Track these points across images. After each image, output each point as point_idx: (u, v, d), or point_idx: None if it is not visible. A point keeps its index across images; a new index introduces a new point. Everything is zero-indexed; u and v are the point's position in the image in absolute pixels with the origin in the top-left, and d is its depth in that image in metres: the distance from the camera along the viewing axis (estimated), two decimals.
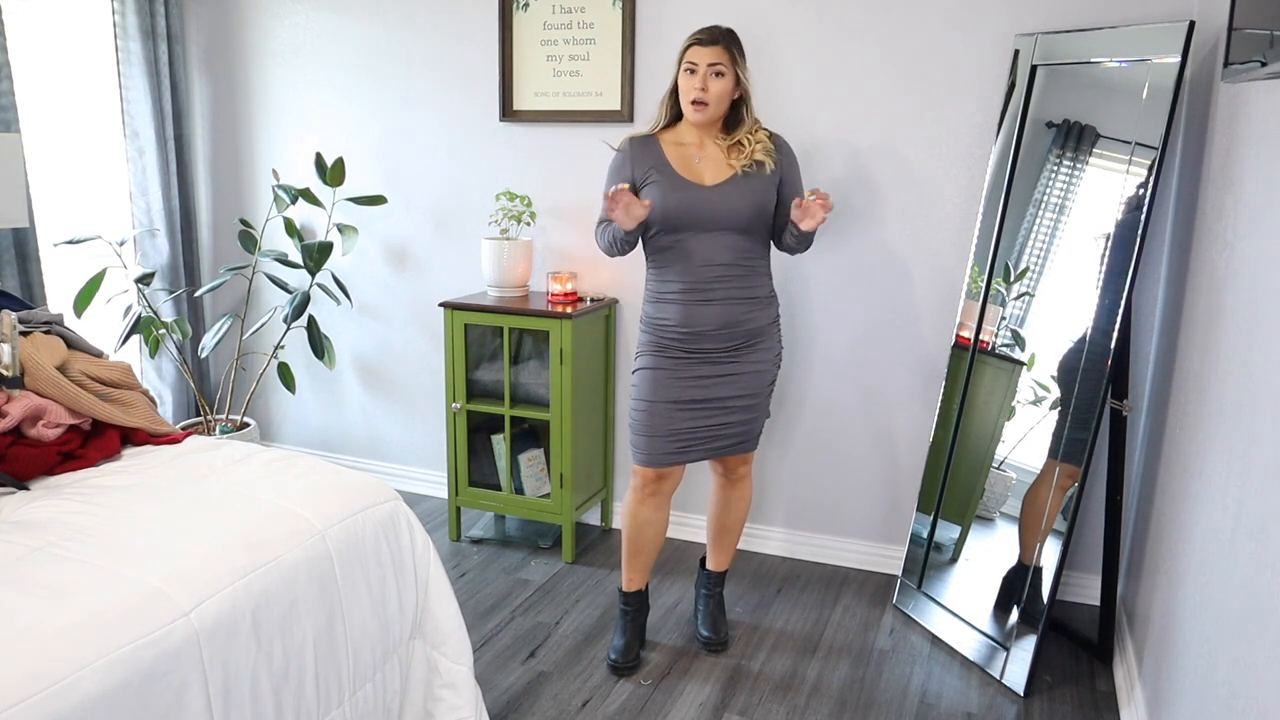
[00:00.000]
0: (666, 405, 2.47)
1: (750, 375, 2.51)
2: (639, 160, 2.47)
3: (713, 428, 2.51)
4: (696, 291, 2.43)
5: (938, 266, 2.97)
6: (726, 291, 2.44)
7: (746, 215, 2.42)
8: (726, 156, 2.45)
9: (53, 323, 2.36)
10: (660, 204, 2.41)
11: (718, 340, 2.46)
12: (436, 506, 3.66)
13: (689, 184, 2.42)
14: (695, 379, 2.47)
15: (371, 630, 1.93)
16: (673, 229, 2.43)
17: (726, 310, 2.44)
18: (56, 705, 1.32)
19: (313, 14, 3.64)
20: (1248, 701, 1.43)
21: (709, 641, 2.71)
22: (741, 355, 2.49)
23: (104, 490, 1.95)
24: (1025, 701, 2.48)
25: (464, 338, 3.23)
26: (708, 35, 2.40)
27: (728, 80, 2.40)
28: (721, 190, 2.41)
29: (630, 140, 2.51)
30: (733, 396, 2.50)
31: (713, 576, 2.80)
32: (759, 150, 2.44)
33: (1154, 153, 2.37)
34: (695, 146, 2.47)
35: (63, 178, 3.49)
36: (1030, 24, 2.76)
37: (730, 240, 2.42)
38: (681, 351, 2.47)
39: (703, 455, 2.55)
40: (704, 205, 2.40)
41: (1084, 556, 2.95)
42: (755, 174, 2.43)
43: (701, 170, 2.45)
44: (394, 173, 3.62)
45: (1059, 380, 2.55)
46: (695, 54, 2.40)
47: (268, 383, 3.98)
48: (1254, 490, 1.53)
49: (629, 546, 2.63)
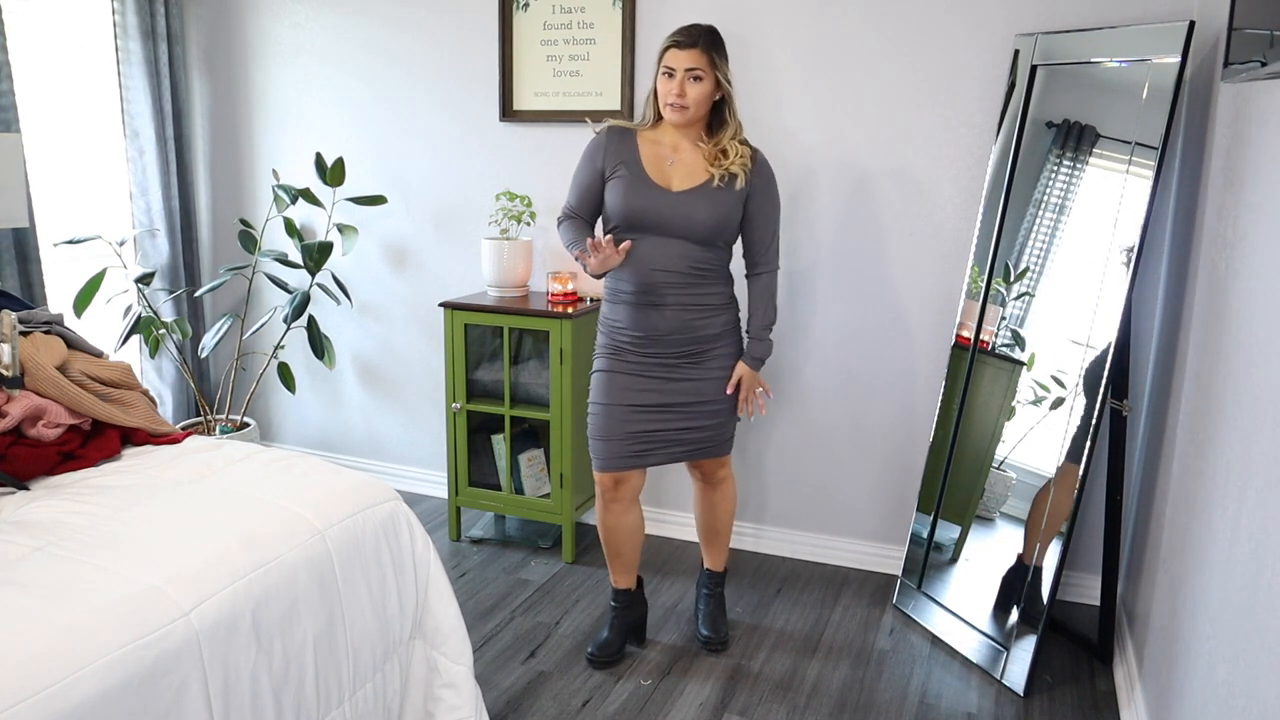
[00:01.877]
0: (622, 409, 2.45)
1: (711, 381, 2.48)
2: (612, 151, 2.44)
3: (675, 432, 2.49)
4: (648, 294, 2.40)
5: (938, 266, 2.97)
6: (677, 298, 2.40)
7: (705, 227, 2.38)
8: (706, 161, 2.41)
9: (53, 323, 2.36)
10: (621, 202, 2.39)
11: (670, 345, 2.43)
12: (436, 506, 3.66)
13: (654, 186, 2.39)
14: (651, 382, 2.45)
15: (371, 630, 1.93)
16: (630, 228, 2.40)
17: (677, 315, 2.41)
18: (56, 705, 1.32)
19: (313, 14, 3.64)
20: (1248, 701, 1.43)
21: (708, 641, 2.71)
22: (699, 361, 2.46)
23: (104, 490, 1.95)
24: (1025, 701, 2.48)
25: (464, 338, 3.23)
26: (686, 38, 2.34)
27: (707, 84, 2.35)
28: (685, 198, 2.37)
29: (609, 129, 2.48)
30: (695, 402, 2.47)
31: (712, 576, 2.80)
32: (738, 163, 2.39)
33: (1154, 153, 2.36)
34: (671, 148, 2.43)
35: (63, 178, 3.49)
36: (1030, 24, 2.76)
37: (686, 248, 2.39)
38: (636, 355, 2.45)
39: (666, 459, 2.52)
40: (664, 210, 2.37)
41: (1084, 556, 2.95)
42: (726, 187, 2.39)
43: (671, 174, 2.41)
44: (394, 173, 3.62)
45: (1085, 390, 2.52)
46: (673, 58, 2.34)
47: (268, 383, 3.98)
48: (1254, 490, 1.53)
49: (606, 550, 2.65)
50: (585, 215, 2.51)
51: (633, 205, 2.38)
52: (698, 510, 2.75)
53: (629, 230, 2.40)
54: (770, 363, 3.20)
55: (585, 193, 2.49)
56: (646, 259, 2.39)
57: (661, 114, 2.43)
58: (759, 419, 3.23)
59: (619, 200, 2.40)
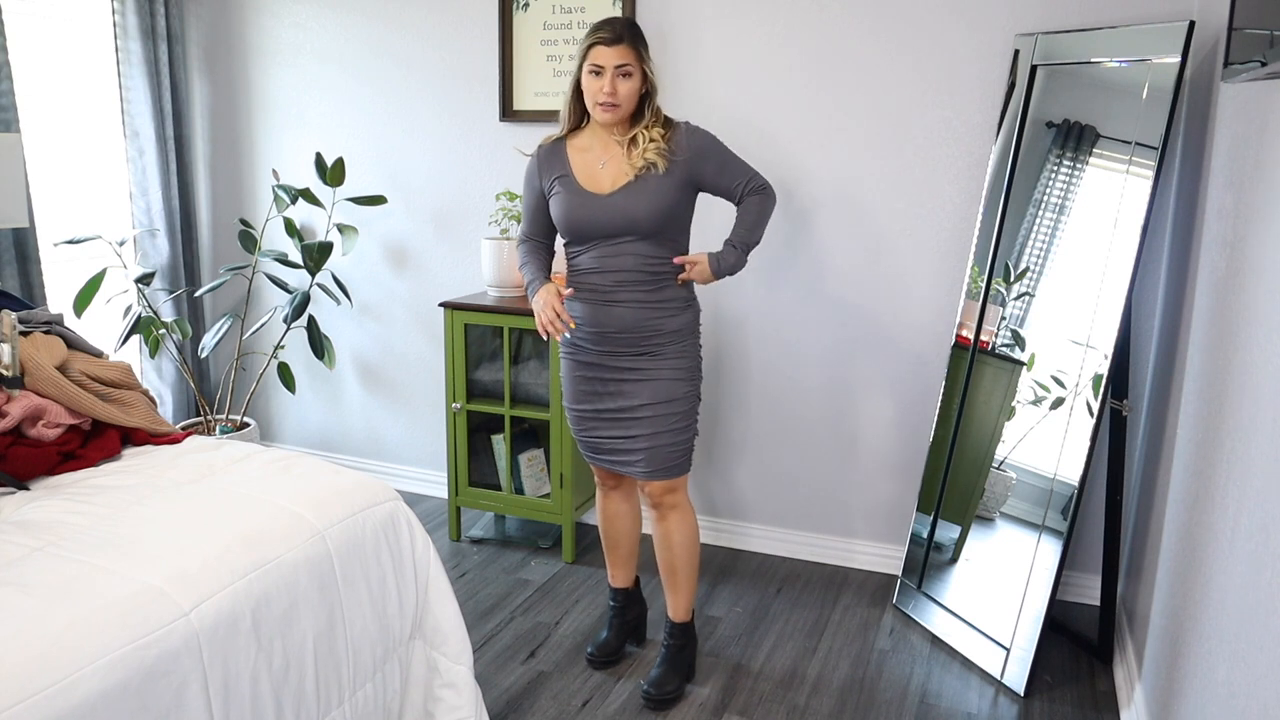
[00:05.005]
0: (581, 413, 2.46)
1: (659, 384, 2.36)
2: (546, 169, 2.39)
3: (616, 439, 2.41)
4: (601, 293, 2.35)
5: (937, 266, 2.97)
6: (630, 295, 2.33)
7: (647, 222, 2.29)
8: (625, 157, 2.32)
9: (53, 323, 2.36)
10: (563, 216, 2.34)
11: (621, 343, 2.36)
12: (436, 506, 3.66)
13: (586, 194, 2.31)
14: (604, 384, 2.40)
15: (371, 630, 1.93)
16: (578, 239, 2.36)
17: (631, 313, 2.34)
18: (56, 705, 1.32)
19: (313, 14, 3.64)
20: (1248, 701, 1.43)
21: (647, 696, 2.44)
22: (651, 360, 2.36)
23: (104, 490, 1.95)
24: (1025, 701, 2.48)
25: (464, 338, 3.23)
26: (611, 33, 2.24)
27: (635, 79, 2.26)
28: (616, 199, 2.29)
29: (540, 147, 2.42)
30: (639, 405, 2.37)
31: (672, 627, 2.55)
32: (650, 150, 2.28)
33: (1154, 153, 2.36)
34: (600, 151, 2.35)
35: (63, 178, 3.49)
36: (1030, 24, 2.76)
37: (634, 247, 2.31)
38: (591, 350, 2.40)
39: (625, 471, 2.45)
40: (602, 215, 2.30)
41: (1084, 556, 2.95)
42: (650, 175, 2.28)
43: (603, 177, 2.33)
44: (394, 173, 3.62)
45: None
46: (600, 55, 2.24)
47: (268, 383, 3.98)
48: (1254, 490, 1.53)
49: (604, 541, 2.65)
50: (540, 236, 2.47)
51: (572, 217, 2.33)
52: (655, 544, 2.54)
53: (577, 241, 2.36)
54: (770, 363, 3.20)
55: (534, 214, 2.45)
56: (600, 263, 2.34)
57: (586, 115, 2.36)
58: (757, 420, 3.23)
59: (560, 215, 2.35)
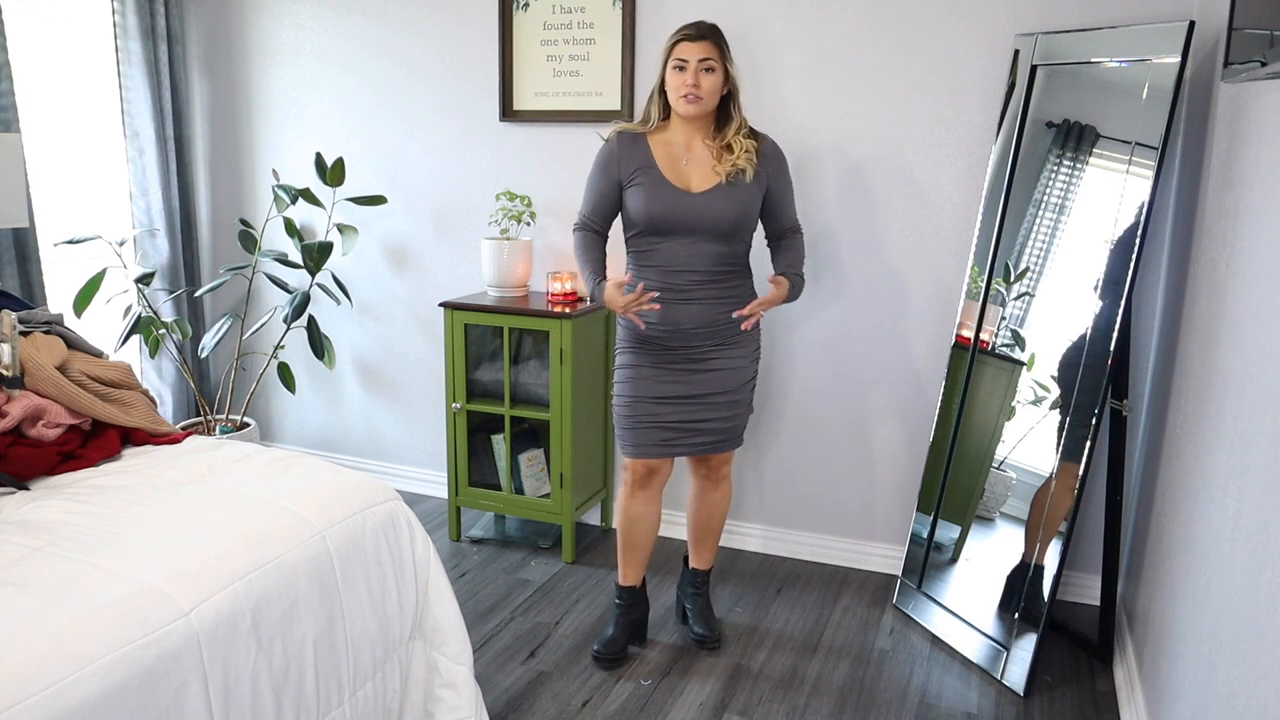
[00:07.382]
0: (649, 401, 2.49)
1: (729, 372, 2.51)
2: (626, 159, 2.46)
3: (695, 423, 2.52)
4: (676, 292, 2.44)
5: (938, 266, 2.97)
6: (705, 292, 2.45)
7: (728, 224, 2.43)
8: (714, 160, 2.45)
9: (53, 323, 2.36)
10: (645, 208, 2.42)
11: (697, 338, 2.47)
12: (436, 506, 3.66)
13: (675, 190, 2.42)
14: (676, 373, 2.49)
15: (371, 630, 1.93)
16: (655, 232, 2.44)
17: (705, 309, 2.46)
18: (56, 705, 1.32)
19: (313, 14, 3.64)
20: (1248, 701, 1.43)
21: (703, 639, 2.70)
22: (721, 351, 2.50)
23: (104, 490, 1.95)
24: (1025, 701, 2.48)
25: (464, 338, 3.23)
26: (695, 30, 2.39)
27: (718, 75, 2.40)
28: (707, 198, 2.42)
29: (619, 135, 2.50)
30: (714, 393, 2.51)
31: (699, 575, 2.79)
32: (743, 158, 2.42)
33: (1154, 153, 2.36)
34: (683, 148, 2.46)
35: (63, 178, 3.49)
36: (1030, 24, 2.76)
37: (711, 247, 2.44)
38: (662, 347, 2.49)
39: (687, 451, 2.56)
40: (689, 213, 2.41)
41: (1084, 556, 2.95)
42: (738, 182, 2.43)
43: (689, 174, 2.44)
44: (394, 173, 3.62)
45: (1061, 383, 2.54)
46: (685, 49, 2.38)
47: (268, 383, 3.98)
48: (1254, 490, 1.53)
49: (623, 541, 2.65)
50: (599, 224, 2.55)
51: (655, 210, 2.41)
52: (692, 509, 2.75)
53: (654, 235, 2.44)
54: (771, 363, 3.20)
55: (601, 200, 2.52)
56: (674, 259, 2.44)
57: (670, 111, 2.47)
58: (757, 420, 3.23)
59: (641, 206, 2.42)
